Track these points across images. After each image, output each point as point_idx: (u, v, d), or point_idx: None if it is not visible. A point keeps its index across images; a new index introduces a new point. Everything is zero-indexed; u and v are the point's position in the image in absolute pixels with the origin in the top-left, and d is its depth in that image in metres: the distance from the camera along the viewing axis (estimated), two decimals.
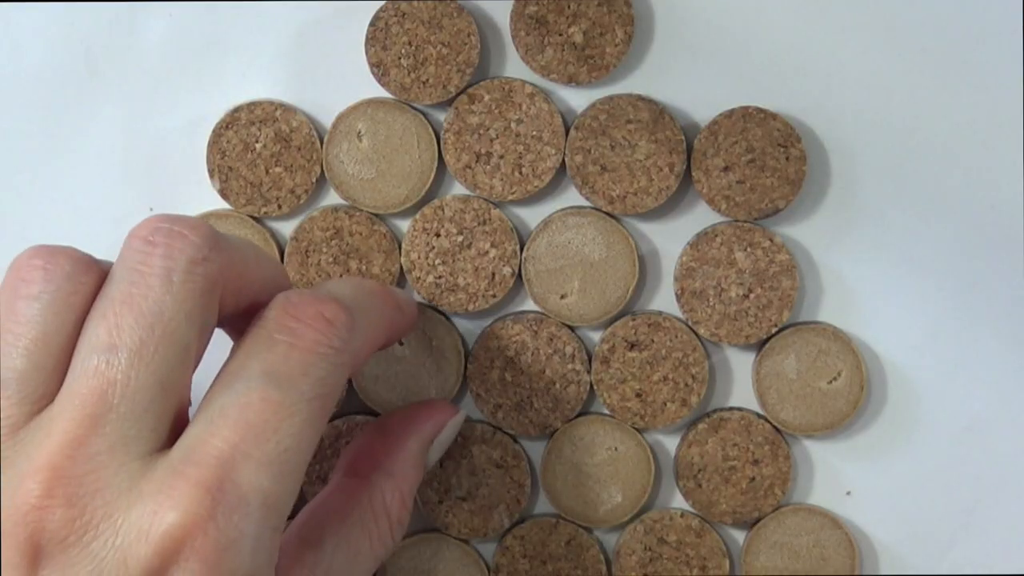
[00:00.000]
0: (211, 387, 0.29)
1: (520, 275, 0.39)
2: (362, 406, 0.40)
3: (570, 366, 0.39)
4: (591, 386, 0.39)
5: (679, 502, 0.40)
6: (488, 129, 0.38)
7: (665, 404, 0.39)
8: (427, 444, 0.36)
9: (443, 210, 0.39)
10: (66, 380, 0.27)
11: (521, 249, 0.39)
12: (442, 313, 0.39)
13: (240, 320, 0.31)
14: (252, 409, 0.27)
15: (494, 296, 0.39)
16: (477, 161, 0.38)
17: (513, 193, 0.38)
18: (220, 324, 0.30)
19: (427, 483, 0.40)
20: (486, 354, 0.39)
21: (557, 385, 0.39)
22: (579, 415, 0.40)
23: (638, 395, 0.39)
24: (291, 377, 0.28)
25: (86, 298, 0.28)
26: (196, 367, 0.29)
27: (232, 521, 0.26)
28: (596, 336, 0.40)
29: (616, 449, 0.39)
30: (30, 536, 0.26)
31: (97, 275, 0.29)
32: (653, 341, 0.39)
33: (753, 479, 0.39)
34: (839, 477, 0.40)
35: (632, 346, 0.39)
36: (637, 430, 0.39)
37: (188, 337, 0.28)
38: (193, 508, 0.26)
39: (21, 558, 0.26)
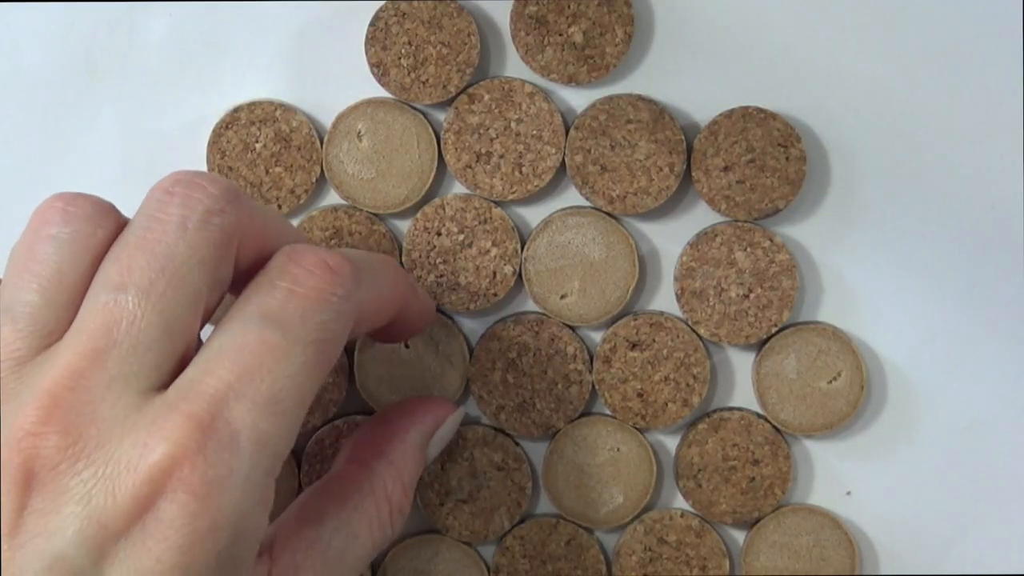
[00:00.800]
0: (212, 332, 0.29)
1: (520, 275, 0.39)
2: (364, 407, 0.40)
3: (572, 366, 0.39)
4: (593, 386, 0.39)
5: (680, 503, 0.40)
6: (488, 129, 0.38)
7: (667, 404, 0.39)
8: (427, 436, 0.36)
9: (444, 209, 0.39)
10: (76, 317, 0.28)
11: (522, 248, 0.39)
12: (450, 317, 0.39)
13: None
14: (248, 349, 0.27)
15: (495, 295, 0.39)
16: (477, 161, 0.38)
17: (513, 193, 0.38)
18: (235, 283, 0.30)
19: (428, 486, 0.40)
20: (487, 356, 0.39)
21: (559, 386, 0.39)
22: (581, 416, 0.40)
23: (639, 395, 0.39)
24: (289, 320, 0.28)
25: (103, 241, 0.29)
26: (207, 319, 0.29)
27: (222, 457, 0.26)
28: (597, 336, 0.40)
29: (618, 450, 0.39)
30: (24, 462, 0.26)
31: (116, 221, 0.29)
32: (655, 341, 0.39)
33: (753, 479, 0.39)
34: (839, 477, 0.40)
35: (634, 346, 0.39)
36: (638, 430, 0.39)
37: (199, 284, 0.28)
38: (183, 441, 0.26)
39: (13, 484, 0.26)
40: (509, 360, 0.39)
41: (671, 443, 0.40)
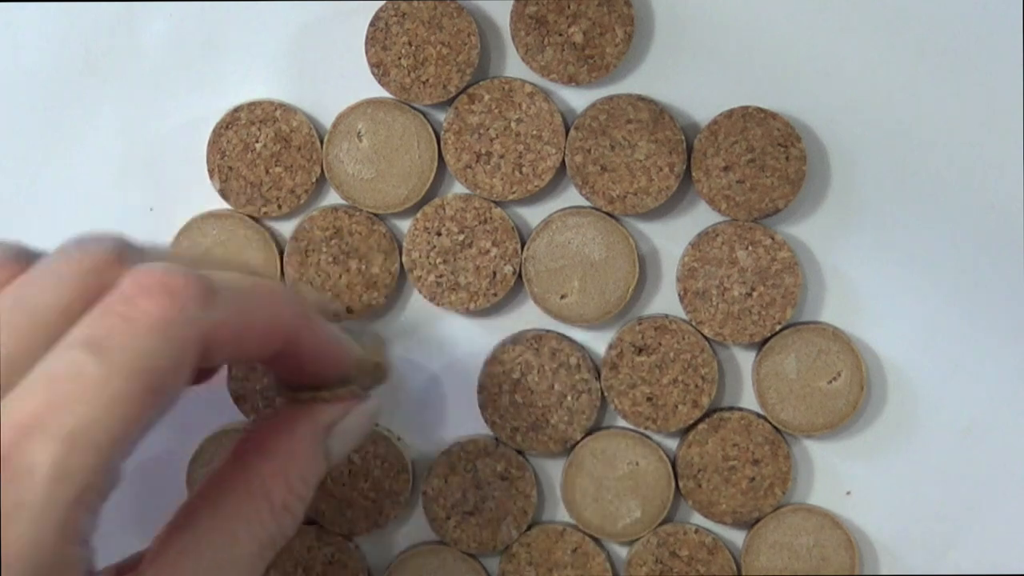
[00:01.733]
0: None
1: (520, 275, 0.39)
2: None
3: (578, 376, 0.39)
4: (602, 393, 0.39)
5: (699, 520, 0.40)
6: (488, 129, 0.38)
7: (677, 406, 0.39)
8: (322, 429, 0.33)
9: (444, 209, 0.39)
10: None
11: (522, 248, 0.39)
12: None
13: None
14: (60, 378, 0.26)
15: (495, 295, 0.39)
16: (477, 161, 0.38)
17: (513, 193, 0.38)
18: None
19: (433, 500, 0.40)
20: (492, 381, 0.39)
21: (569, 397, 0.39)
22: (600, 429, 0.39)
23: (649, 399, 0.39)
24: (111, 347, 0.26)
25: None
26: None
27: (12, 489, 0.25)
28: (596, 341, 0.40)
29: (637, 464, 0.39)
30: None
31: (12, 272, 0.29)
32: (660, 344, 0.39)
33: (753, 479, 0.39)
34: (839, 477, 0.40)
35: (640, 350, 0.39)
36: (645, 435, 0.39)
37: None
38: None
39: None
40: (514, 381, 0.39)
41: (671, 444, 0.40)
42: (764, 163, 0.38)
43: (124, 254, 0.29)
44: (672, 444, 0.40)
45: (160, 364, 0.27)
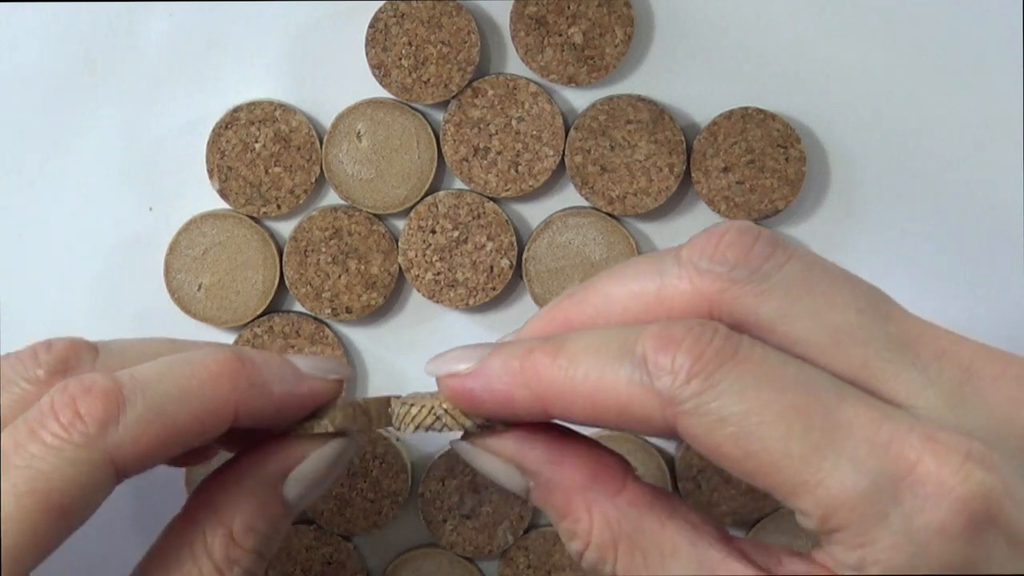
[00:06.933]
0: None
1: (519, 268, 0.39)
2: None
3: None
4: None
5: None
6: (489, 124, 0.38)
7: None
8: (275, 476, 0.31)
9: (437, 207, 0.39)
10: None
11: (518, 241, 0.39)
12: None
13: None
14: None
15: (493, 289, 0.39)
16: (475, 155, 0.38)
17: (507, 190, 0.38)
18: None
19: (430, 503, 0.40)
20: None
21: None
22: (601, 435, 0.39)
23: None
24: (7, 466, 0.27)
25: None
26: None
27: None
28: None
29: (636, 469, 0.39)
30: None
31: None
32: None
33: None
34: None
35: None
36: (644, 440, 0.39)
37: None
38: None
39: None
40: None
41: (670, 444, 0.40)
42: (764, 164, 0.38)
43: (69, 362, 0.30)
44: (672, 445, 0.40)
45: (55, 485, 0.27)
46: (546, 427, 0.30)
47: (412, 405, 0.30)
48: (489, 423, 0.29)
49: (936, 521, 0.25)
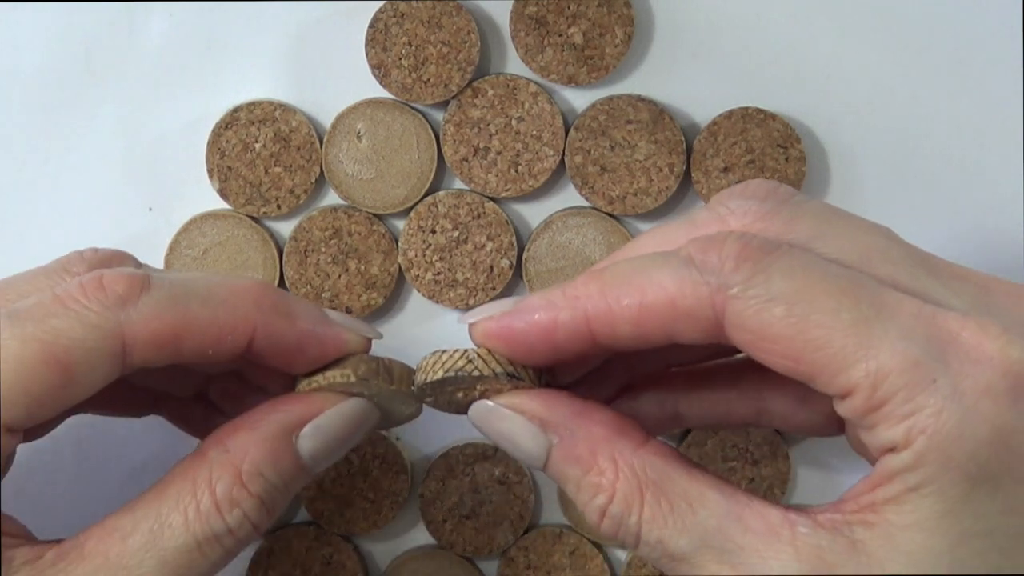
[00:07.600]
0: None
1: (519, 268, 0.39)
2: None
3: None
4: None
5: None
6: (489, 124, 0.38)
7: None
8: (290, 425, 0.31)
9: (437, 207, 0.39)
10: None
11: (518, 241, 0.39)
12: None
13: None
14: None
15: (493, 289, 0.39)
16: (474, 155, 0.38)
17: (507, 190, 0.38)
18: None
19: (430, 503, 0.40)
20: None
21: None
22: None
23: None
24: (23, 317, 0.29)
25: None
26: None
27: None
28: None
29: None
30: None
31: None
32: None
33: (753, 479, 0.39)
34: (839, 477, 0.40)
35: None
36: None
37: None
38: None
39: None
40: None
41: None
42: (764, 164, 0.38)
43: (112, 263, 0.32)
44: (671, 445, 0.40)
45: (63, 343, 0.28)
46: (568, 394, 0.30)
47: (443, 352, 0.30)
48: (517, 374, 0.30)
49: (984, 382, 0.26)
